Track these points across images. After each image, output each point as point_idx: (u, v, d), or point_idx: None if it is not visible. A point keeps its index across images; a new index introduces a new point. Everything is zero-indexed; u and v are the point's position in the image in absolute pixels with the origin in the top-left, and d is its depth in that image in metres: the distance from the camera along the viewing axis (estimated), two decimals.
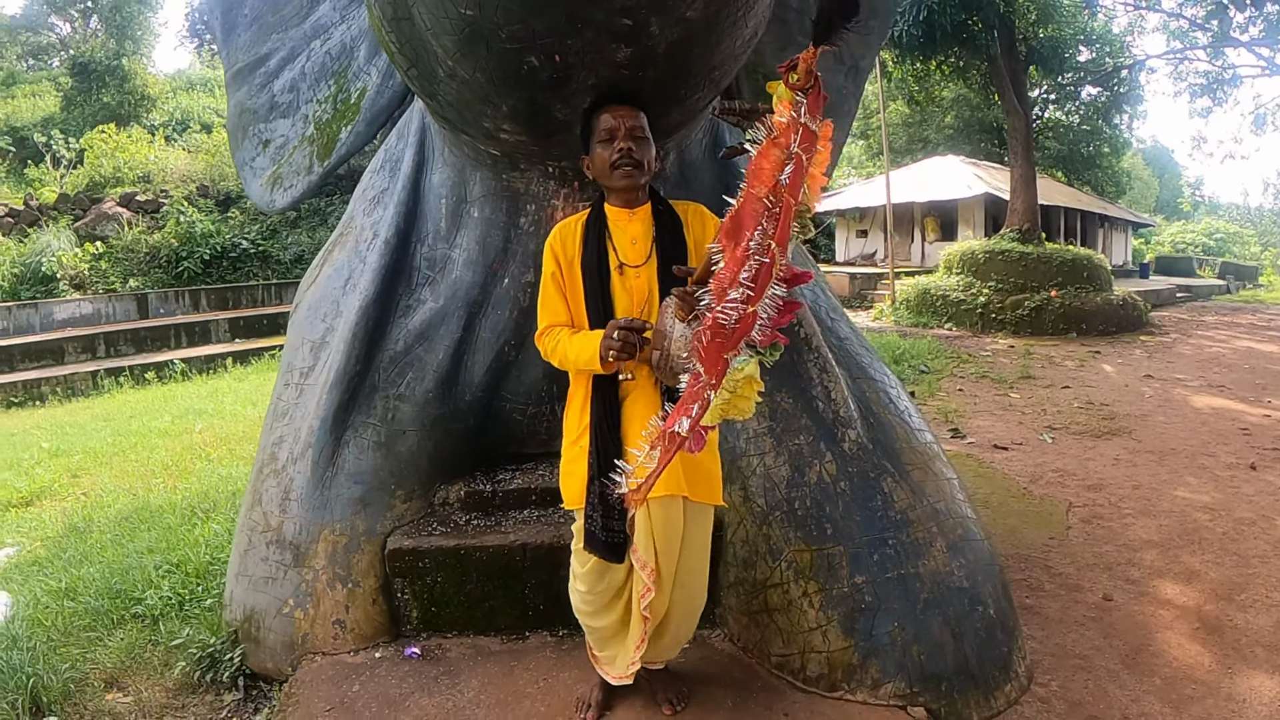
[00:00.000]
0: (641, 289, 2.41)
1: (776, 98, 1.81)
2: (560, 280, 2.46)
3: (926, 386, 9.09)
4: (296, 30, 4.25)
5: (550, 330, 2.47)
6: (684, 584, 2.52)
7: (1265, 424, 7.43)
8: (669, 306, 2.17)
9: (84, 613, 3.61)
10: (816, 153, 1.84)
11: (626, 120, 2.33)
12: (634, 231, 2.43)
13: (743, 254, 1.84)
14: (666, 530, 2.40)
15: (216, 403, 9.08)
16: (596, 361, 2.28)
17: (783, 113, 1.78)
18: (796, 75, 1.77)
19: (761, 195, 1.81)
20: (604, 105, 2.35)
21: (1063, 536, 4.57)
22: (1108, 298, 14.89)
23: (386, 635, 3.13)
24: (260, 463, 3.44)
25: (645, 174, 2.38)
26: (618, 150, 2.32)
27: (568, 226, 2.49)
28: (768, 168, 1.80)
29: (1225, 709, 2.95)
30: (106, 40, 25.65)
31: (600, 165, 2.37)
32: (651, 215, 2.45)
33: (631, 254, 2.42)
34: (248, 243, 16.60)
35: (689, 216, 2.49)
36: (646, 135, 2.37)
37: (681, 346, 2.10)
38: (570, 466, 2.51)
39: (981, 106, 26.95)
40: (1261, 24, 18.28)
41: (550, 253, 2.46)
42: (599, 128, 2.35)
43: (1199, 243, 40.56)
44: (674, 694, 2.71)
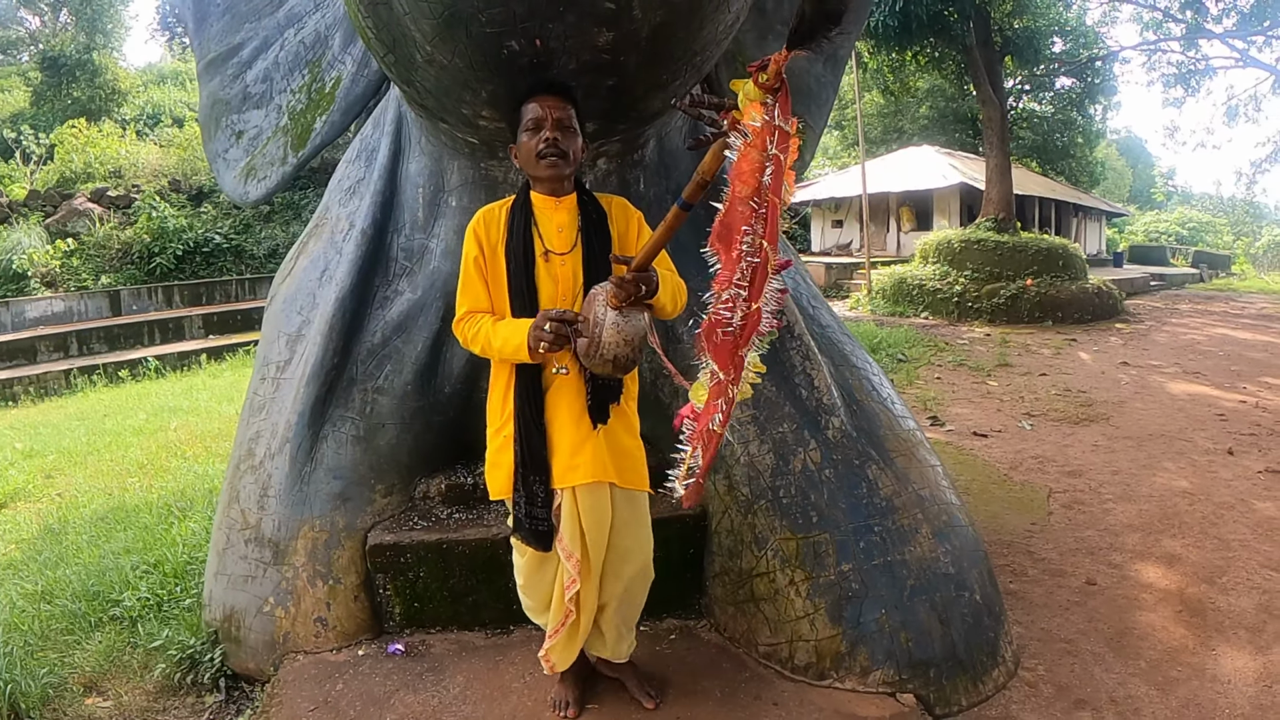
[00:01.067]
0: (567, 277, 2.40)
1: (744, 96, 1.80)
2: (483, 265, 2.43)
3: (905, 375, 9.12)
4: (270, 19, 4.18)
5: (471, 317, 2.44)
6: (618, 574, 2.50)
7: (1241, 409, 7.51)
8: (599, 294, 2.17)
9: (61, 616, 3.55)
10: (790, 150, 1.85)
11: (554, 110, 2.31)
12: (560, 220, 2.42)
13: (737, 256, 1.85)
14: (593, 518, 2.40)
15: (191, 400, 8.97)
16: (524, 352, 2.27)
17: (754, 115, 1.78)
18: (766, 76, 1.76)
19: (747, 197, 1.81)
20: (533, 94, 2.34)
21: (1044, 522, 4.59)
22: (1083, 286, 15.01)
23: (369, 632, 3.09)
24: (237, 459, 3.38)
25: (570, 164, 2.37)
26: (543, 140, 2.31)
27: (491, 212, 2.47)
28: (748, 170, 1.81)
29: (1210, 689, 2.96)
30: (76, 34, 25.22)
31: (526, 154, 2.36)
32: (577, 205, 2.44)
33: (558, 241, 2.40)
34: (221, 238, 16.40)
35: (613, 209, 2.49)
36: (573, 126, 2.36)
37: (613, 334, 2.12)
38: (496, 457, 2.50)
39: (956, 97, 27.14)
40: (1235, 15, 18.47)
41: (473, 237, 2.44)
42: (525, 116, 2.34)
43: (1172, 232, 41.05)
44: (650, 687, 2.70)
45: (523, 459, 2.39)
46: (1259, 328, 14.23)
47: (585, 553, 2.41)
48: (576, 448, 2.37)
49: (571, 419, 2.39)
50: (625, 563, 2.51)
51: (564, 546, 2.41)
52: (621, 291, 2.12)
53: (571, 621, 2.49)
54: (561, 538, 2.41)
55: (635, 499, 2.51)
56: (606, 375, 2.28)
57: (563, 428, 2.39)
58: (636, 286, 2.12)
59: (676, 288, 2.36)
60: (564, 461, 2.38)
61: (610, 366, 2.17)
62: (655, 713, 2.63)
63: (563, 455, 2.38)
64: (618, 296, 2.13)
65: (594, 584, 2.47)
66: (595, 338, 2.14)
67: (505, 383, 2.46)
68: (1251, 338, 12.80)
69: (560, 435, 2.39)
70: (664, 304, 2.28)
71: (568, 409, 2.39)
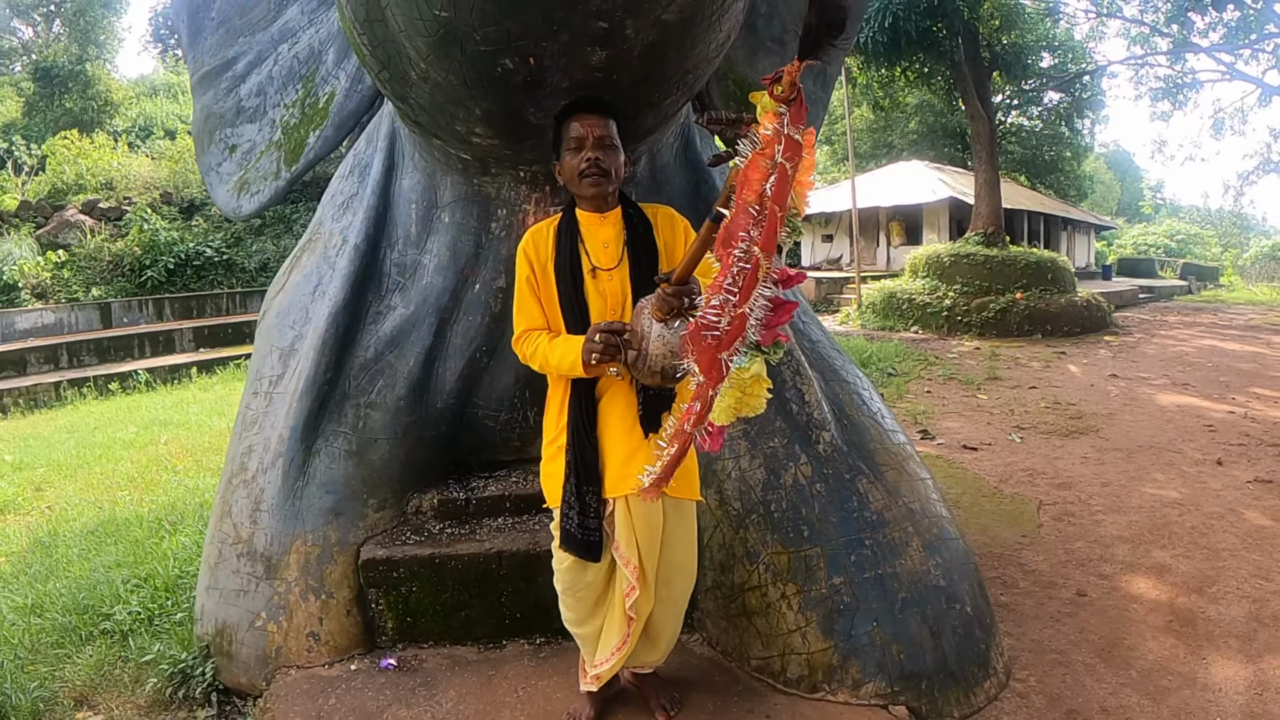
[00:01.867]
0: (615, 292, 2.42)
1: (760, 109, 1.84)
2: (535, 284, 2.46)
3: (895, 389, 9.15)
4: (264, 34, 4.19)
5: (529, 335, 2.46)
6: (669, 581, 2.52)
7: (1230, 420, 7.56)
8: (645, 307, 2.20)
9: (51, 629, 3.53)
10: (802, 160, 1.87)
11: (595, 129, 2.33)
12: (605, 235, 2.44)
13: (731, 260, 1.88)
14: (647, 525, 2.41)
15: (182, 413, 8.94)
16: (580, 366, 2.29)
17: (767, 124, 1.82)
18: (781, 87, 1.79)
19: (750, 204, 1.85)
20: (574, 113, 2.36)
21: (1034, 534, 4.61)
22: (1072, 299, 15.09)
23: (361, 647, 3.09)
24: (229, 473, 3.38)
25: (613, 182, 2.40)
26: (585, 159, 2.33)
27: (540, 231, 2.49)
28: (755, 178, 1.84)
29: (1201, 698, 2.98)
30: (70, 45, 25.22)
31: (569, 173, 2.39)
32: (622, 219, 2.47)
33: (604, 257, 2.43)
34: (212, 250, 16.36)
35: (658, 219, 2.51)
36: (615, 143, 2.38)
37: (659, 346, 2.14)
38: (549, 467, 2.52)
39: (945, 112, 27.25)
40: (1221, 29, 18.64)
41: (524, 257, 2.47)
42: (568, 135, 2.36)
43: (1160, 244, 41.29)
44: (667, 699, 2.72)
45: (576, 470, 2.40)
46: (1247, 339, 14.32)
47: (641, 561, 2.43)
48: (629, 457, 2.38)
49: (624, 429, 2.41)
50: (675, 570, 2.53)
51: (621, 554, 2.43)
52: (664, 305, 2.14)
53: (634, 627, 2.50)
54: (618, 546, 2.43)
55: (684, 508, 2.53)
56: (655, 386, 2.29)
57: (615, 438, 2.41)
58: (678, 299, 2.14)
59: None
60: (616, 471, 2.39)
61: (658, 378, 2.19)
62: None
63: (615, 465, 2.40)
64: (661, 309, 2.15)
65: (650, 592, 2.49)
66: (642, 350, 2.17)
67: (561, 396, 2.48)
68: (1240, 349, 12.88)
69: (613, 445, 2.41)
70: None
71: (619, 419, 2.41)
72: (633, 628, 2.50)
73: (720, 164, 2.03)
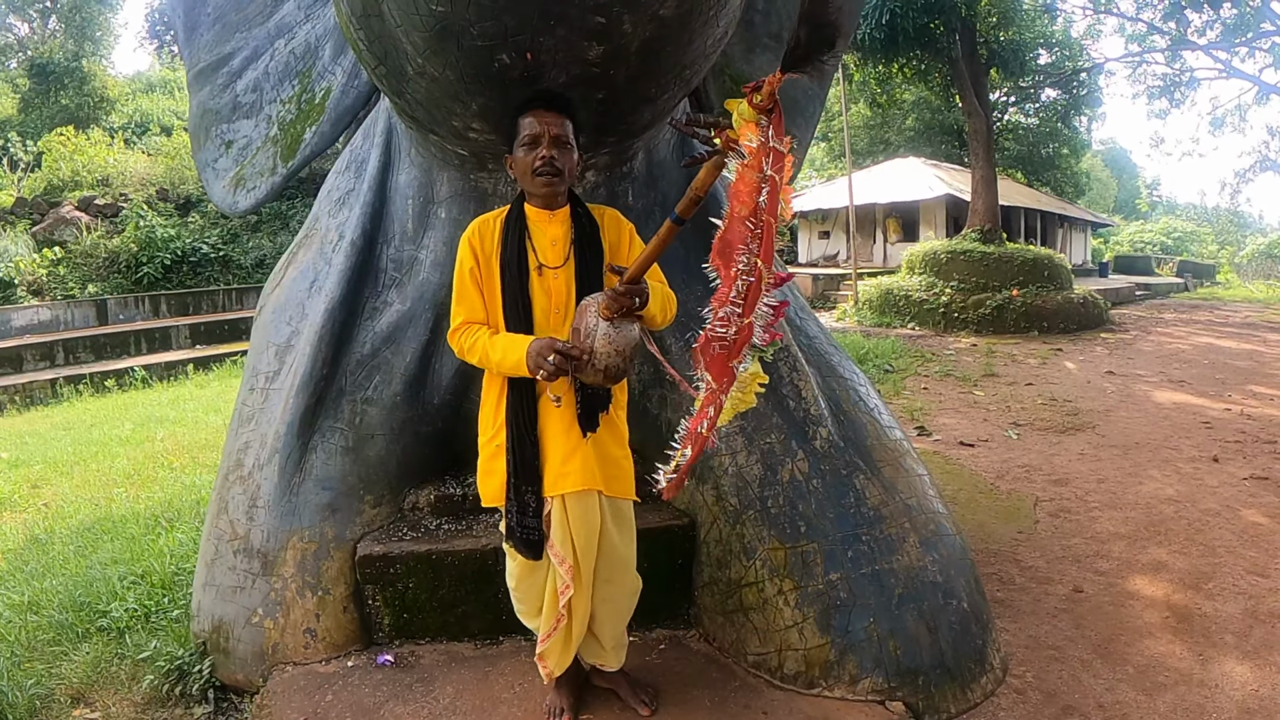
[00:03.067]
0: (560, 290, 2.43)
1: (739, 116, 1.85)
2: (478, 276, 2.45)
3: (891, 385, 9.15)
4: (260, 29, 4.18)
5: (467, 327, 2.45)
6: (609, 579, 2.54)
7: (1226, 417, 7.57)
8: (590, 305, 2.21)
9: (48, 626, 3.53)
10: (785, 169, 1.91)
11: (552, 127, 2.33)
12: (553, 233, 2.44)
13: (734, 274, 1.92)
14: (583, 525, 2.42)
15: (178, 410, 8.93)
16: (523, 369, 2.29)
17: (749, 135, 1.83)
18: (760, 97, 1.80)
19: (744, 217, 1.87)
20: (532, 107, 2.34)
21: (1031, 530, 4.62)
22: (1068, 296, 15.11)
23: (358, 643, 3.09)
24: (225, 469, 3.37)
25: (565, 181, 2.40)
26: (540, 158, 2.33)
27: (486, 223, 2.49)
28: (746, 190, 1.86)
29: (1198, 694, 2.99)
30: (65, 41, 25.13)
31: (521, 169, 2.39)
32: (570, 218, 2.47)
33: (551, 255, 2.43)
34: (208, 247, 16.35)
35: (605, 221, 2.52)
36: (570, 142, 2.38)
37: (604, 344, 2.16)
38: (488, 465, 2.53)
39: (942, 109, 27.27)
40: (1218, 27, 18.65)
41: (468, 247, 2.46)
42: (523, 131, 2.35)
43: (1157, 242, 41.34)
44: (645, 694, 2.72)
45: (515, 468, 2.42)
46: (1243, 336, 14.34)
47: (576, 559, 2.44)
48: (566, 456, 2.40)
49: (562, 428, 2.41)
50: (615, 569, 2.54)
51: (556, 552, 2.43)
52: (615, 303, 2.16)
53: (564, 626, 2.50)
54: (553, 544, 2.43)
55: (621, 507, 2.54)
56: (597, 385, 2.30)
57: (554, 437, 2.42)
58: (629, 298, 2.16)
59: (666, 299, 2.40)
60: (554, 470, 2.40)
61: (601, 376, 2.20)
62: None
63: (553, 464, 2.41)
64: (610, 308, 2.16)
65: (586, 590, 2.49)
66: (587, 348, 2.17)
67: (498, 393, 2.48)
68: (1236, 346, 12.90)
69: (551, 444, 2.42)
70: (654, 315, 2.32)
71: (558, 419, 2.42)
72: (562, 625, 2.50)
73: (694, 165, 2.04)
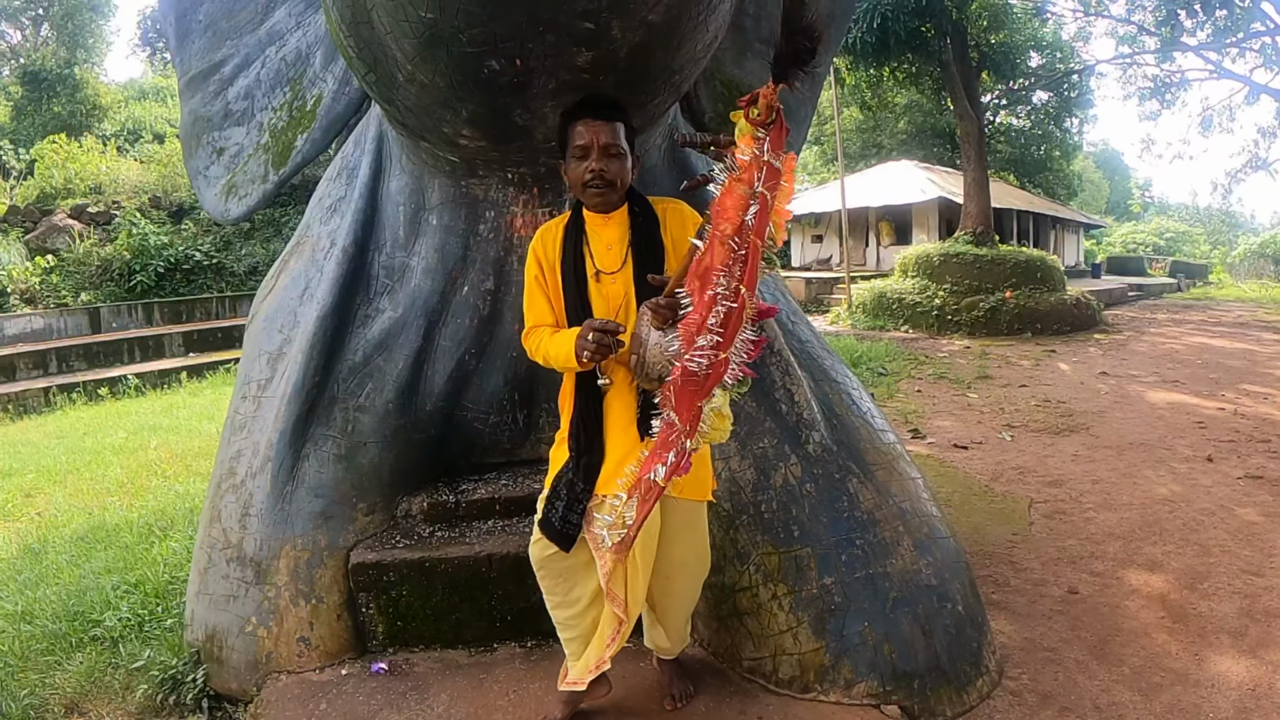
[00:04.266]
0: (618, 294, 2.41)
1: (739, 130, 1.80)
2: (544, 283, 2.46)
3: (885, 388, 9.16)
4: (251, 36, 4.18)
5: (535, 330, 2.48)
6: (670, 577, 2.56)
7: (1220, 417, 7.58)
8: (644, 314, 2.20)
9: (41, 636, 3.51)
10: (780, 188, 1.81)
11: (601, 136, 2.29)
12: (610, 237, 2.41)
13: (710, 300, 1.82)
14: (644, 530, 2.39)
15: (172, 418, 8.91)
16: (574, 360, 2.27)
17: (745, 149, 1.75)
18: (757, 110, 1.75)
19: (728, 235, 1.76)
20: (581, 114, 2.31)
21: (1025, 532, 4.62)
22: (1061, 298, 15.14)
23: (352, 651, 3.08)
24: (218, 478, 3.36)
25: (617, 191, 2.37)
26: (589, 170, 2.30)
27: (549, 230, 2.49)
28: (732, 205, 1.77)
29: (1194, 695, 2.99)
30: (58, 49, 25.11)
31: (574, 179, 2.37)
32: (628, 217, 2.43)
33: (607, 260, 2.41)
34: (201, 255, 16.31)
35: (666, 215, 2.46)
36: (621, 150, 2.33)
37: (656, 353, 2.14)
38: (556, 452, 2.54)
39: (934, 112, 27.37)
40: (1209, 28, 18.72)
41: (533, 256, 2.47)
42: (574, 141, 2.32)
43: (1149, 242, 41.50)
44: (679, 690, 2.76)
45: (578, 464, 2.42)
46: (1236, 335, 14.39)
47: (633, 557, 2.43)
48: (623, 458, 2.38)
49: (620, 428, 2.41)
50: (678, 569, 2.57)
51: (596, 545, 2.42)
52: (658, 316, 2.16)
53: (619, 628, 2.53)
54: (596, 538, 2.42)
55: (686, 508, 2.53)
56: (652, 390, 2.27)
57: (614, 436, 2.41)
58: (671, 311, 2.14)
59: None
60: (610, 470, 2.39)
61: (657, 384, 2.18)
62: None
63: (610, 463, 2.40)
64: (658, 318, 2.16)
65: (642, 591, 2.50)
66: (640, 357, 2.18)
67: (570, 388, 2.49)
68: (1229, 345, 12.94)
69: (612, 443, 2.41)
70: None
71: (617, 419, 2.41)
72: (623, 629, 2.50)
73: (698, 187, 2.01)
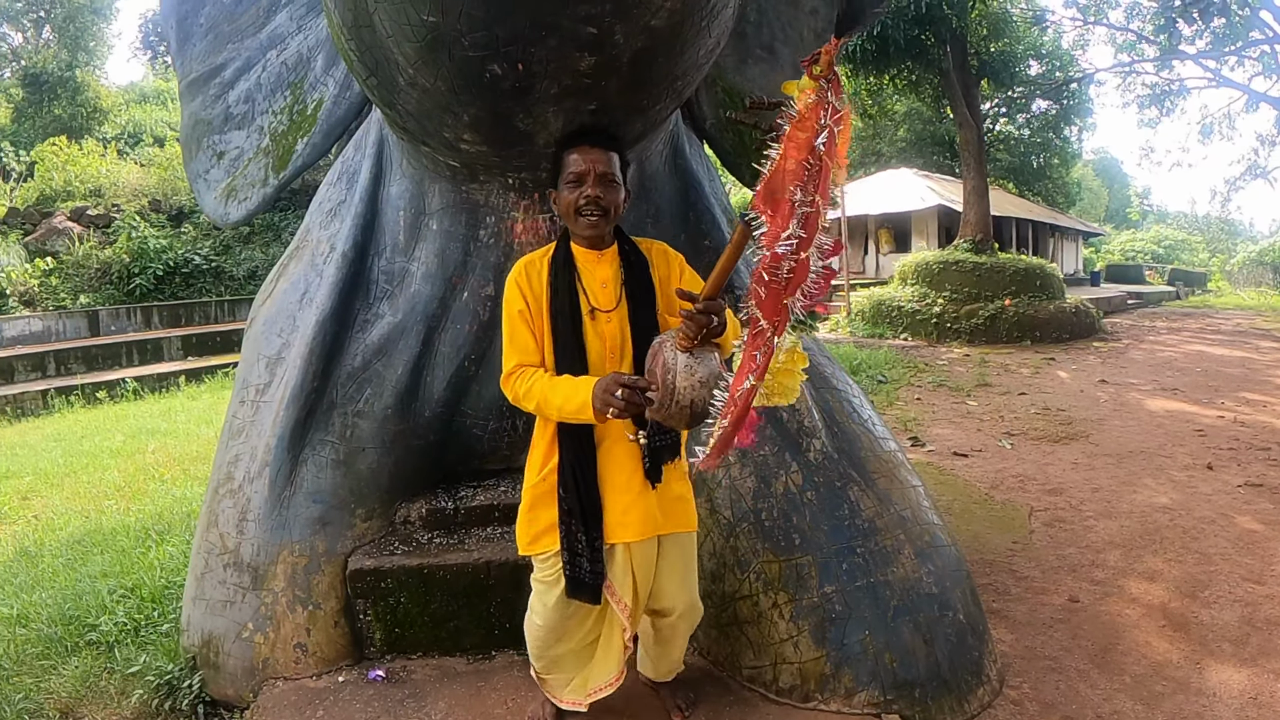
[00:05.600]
0: (614, 334, 2.32)
1: (799, 86, 1.82)
2: (528, 317, 2.32)
3: (885, 396, 9.16)
4: (252, 40, 4.17)
5: (522, 372, 2.31)
6: (675, 603, 2.52)
7: (1219, 425, 7.58)
8: (665, 342, 2.06)
9: (36, 640, 3.49)
10: (841, 130, 1.84)
11: (597, 165, 2.25)
12: (603, 274, 2.35)
13: (789, 210, 1.82)
14: (643, 567, 2.41)
15: (170, 422, 8.89)
16: (588, 412, 2.14)
17: (807, 99, 1.80)
18: (819, 67, 1.78)
19: (800, 159, 1.80)
20: (576, 142, 2.28)
21: (1026, 540, 4.61)
22: (1060, 305, 15.16)
23: (350, 658, 3.06)
24: (216, 483, 3.35)
25: (611, 221, 2.32)
26: (584, 196, 2.24)
27: (533, 264, 2.37)
28: (802, 139, 1.80)
29: (1196, 703, 2.98)
30: (59, 51, 25.14)
31: (565, 208, 2.30)
32: (619, 256, 2.38)
33: (602, 298, 2.33)
34: (200, 258, 16.32)
35: (654, 256, 2.42)
36: (617, 179, 2.29)
37: (687, 379, 1.99)
38: (533, 514, 2.41)
39: (934, 120, 27.40)
40: (1208, 36, 18.77)
41: (516, 289, 2.33)
42: (568, 169, 2.27)
43: (1148, 250, 41.57)
44: (683, 699, 2.76)
45: (583, 517, 2.30)
46: (1235, 344, 14.40)
47: (635, 601, 2.42)
48: (628, 507, 2.33)
49: (623, 478, 2.34)
50: (666, 599, 2.51)
51: (615, 595, 2.39)
52: (693, 326, 1.98)
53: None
54: (613, 588, 2.38)
55: (680, 541, 2.49)
56: (682, 427, 2.14)
57: (615, 487, 2.33)
58: (708, 318, 1.98)
59: (733, 320, 2.17)
60: (615, 519, 2.33)
61: (688, 414, 2.02)
62: None
63: (614, 512, 2.33)
64: (687, 335, 2.00)
65: (635, 628, 2.51)
66: (668, 386, 2.00)
67: (551, 438, 2.36)
68: (1228, 354, 12.94)
69: (612, 494, 2.33)
70: (728, 338, 2.10)
71: (619, 468, 2.33)
72: (627, 655, 2.53)
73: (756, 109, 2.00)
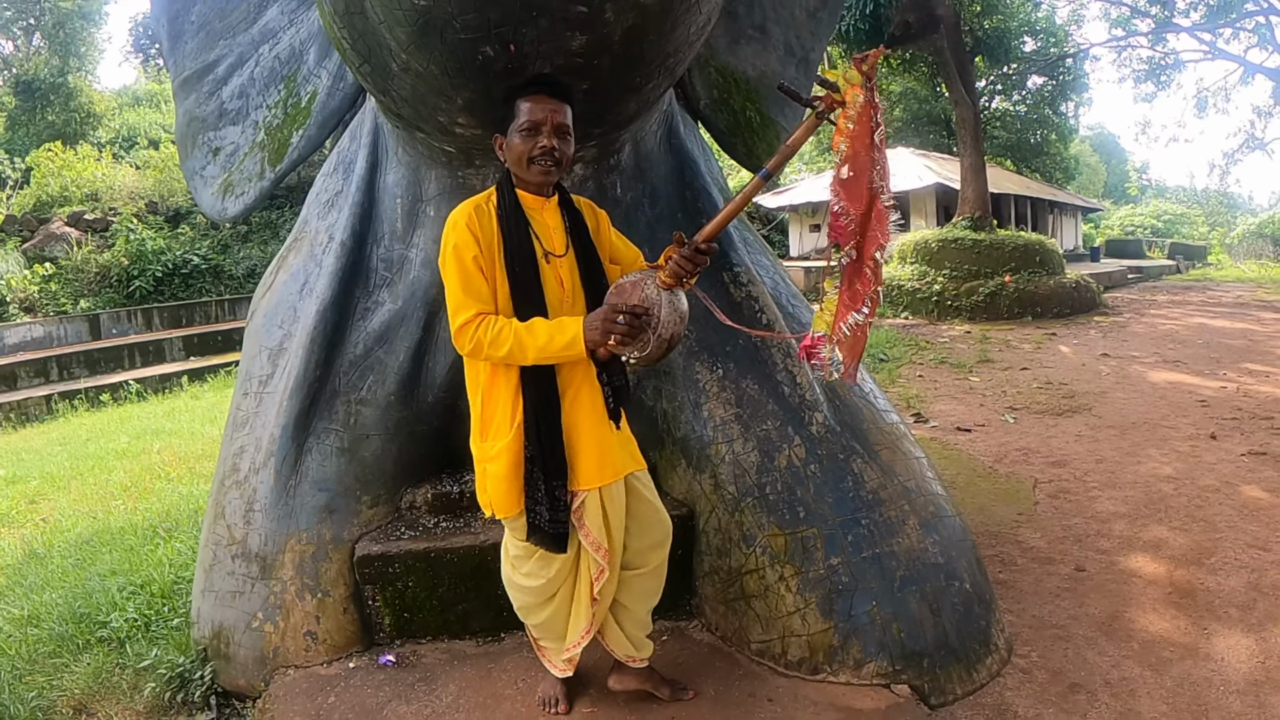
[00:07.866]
0: (568, 277, 2.36)
1: (846, 80, 2.04)
2: (481, 263, 2.26)
3: (886, 374, 9.15)
4: (244, 35, 4.17)
5: (485, 320, 2.22)
6: (643, 557, 2.55)
7: (1222, 395, 7.58)
8: (647, 279, 2.20)
9: (48, 639, 3.51)
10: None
11: (555, 115, 2.24)
12: (551, 221, 2.38)
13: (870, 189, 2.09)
14: (616, 510, 2.44)
15: (174, 422, 8.91)
16: (578, 346, 2.16)
17: (856, 95, 2.04)
18: (868, 65, 2.02)
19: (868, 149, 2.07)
20: (533, 91, 2.25)
21: (1031, 512, 4.62)
22: (1061, 281, 15.13)
23: (359, 644, 3.08)
24: (221, 475, 3.36)
25: (562, 171, 2.33)
26: (540, 147, 2.24)
27: (481, 209, 2.30)
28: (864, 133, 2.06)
29: (1204, 668, 2.99)
30: (50, 58, 25.08)
31: (516, 156, 2.27)
32: (559, 206, 2.42)
33: (555, 243, 2.36)
34: (199, 259, 16.33)
35: (584, 209, 2.48)
36: (570, 131, 2.30)
37: (670, 313, 2.17)
38: (494, 467, 2.36)
39: (929, 99, 27.28)
40: (1202, 9, 18.70)
41: (468, 234, 2.25)
42: (521, 115, 2.23)
43: (1147, 225, 41.48)
44: (670, 685, 2.72)
45: (544, 466, 2.31)
46: (1236, 316, 14.37)
47: (611, 543, 2.45)
48: (601, 450, 2.37)
49: (593, 421, 2.37)
50: (653, 548, 2.56)
51: (592, 540, 2.41)
52: (688, 265, 2.16)
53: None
54: (589, 532, 2.41)
55: (641, 478, 2.54)
56: (655, 360, 2.25)
57: (587, 431, 2.37)
58: (705, 259, 2.16)
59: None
60: (592, 464, 2.36)
61: (665, 347, 2.19)
62: (649, 712, 2.63)
63: (589, 458, 2.36)
64: (676, 273, 2.17)
65: (616, 574, 2.51)
66: (656, 318, 2.16)
67: (512, 395, 2.33)
68: (1229, 325, 12.92)
69: (586, 439, 2.36)
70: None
71: (588, 413, 2.37)
72: (597, 608, 2.52)
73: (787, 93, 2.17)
